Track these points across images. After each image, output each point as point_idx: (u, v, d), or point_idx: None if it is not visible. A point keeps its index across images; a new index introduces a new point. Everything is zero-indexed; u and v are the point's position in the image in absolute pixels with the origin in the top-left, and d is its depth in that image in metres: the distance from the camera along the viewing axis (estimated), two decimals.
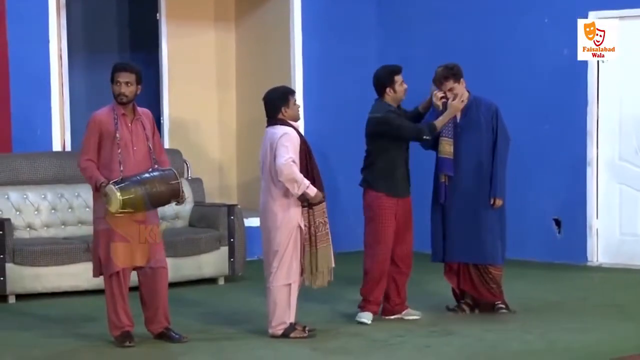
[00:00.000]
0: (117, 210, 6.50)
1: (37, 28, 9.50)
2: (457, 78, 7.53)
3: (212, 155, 11.52)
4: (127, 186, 6.51)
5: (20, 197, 8.82)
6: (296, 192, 6.68)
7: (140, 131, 6.77)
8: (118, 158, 6.62)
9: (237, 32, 11.62)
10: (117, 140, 6.62)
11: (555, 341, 6.78)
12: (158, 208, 6.85)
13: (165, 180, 6.70)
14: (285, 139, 6.72)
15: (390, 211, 7.29)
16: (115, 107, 6.74)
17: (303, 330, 6.88)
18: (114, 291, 6.65)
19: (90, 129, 6.71)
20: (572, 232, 9.99)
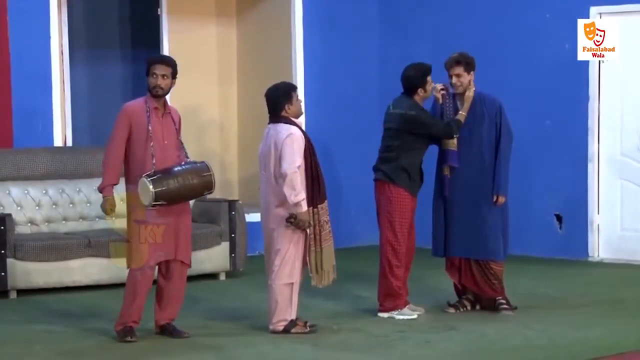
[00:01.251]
0: (150, 203, 6.50)
1: (38, 23, 9.50)
2: (469, 68, 7.56)
3: (213, 150, 11.52)
4: (160, 179, 6.52)
5: (22, 193, 8.83)
6: (292, 200, 6.66)
7: (170, 125, 6.79)
8: (151, 151, 6.62)
9: (238, 28, 11.61)
10: (149, 133, 6.63)
11: (556, 337, 6.78)
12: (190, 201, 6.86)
13: (198, 173, 6.72)
14: (291, 140, 6.70)
15: (409, 208, 7.34)
16: (148, 100, 6.74)
17: (304, 326, 6.88)
18: (136, 286, 6.64)
19: (120, 121, 6.69)
20: (573, 228, 10.00)
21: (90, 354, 6.50)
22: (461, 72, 7.52)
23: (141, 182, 6.51)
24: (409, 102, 7.37)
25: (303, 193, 6.68)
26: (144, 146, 6.63)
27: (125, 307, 6.71)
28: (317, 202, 6.81)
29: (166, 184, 6.54)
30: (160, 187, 6.51)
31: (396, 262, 7.29)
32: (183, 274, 6.85)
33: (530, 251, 10.06)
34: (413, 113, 7.30)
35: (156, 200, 6.50)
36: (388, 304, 7.35)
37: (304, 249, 6.82)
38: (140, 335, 6.77)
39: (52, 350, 6.59)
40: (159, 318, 6.85)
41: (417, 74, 7.41)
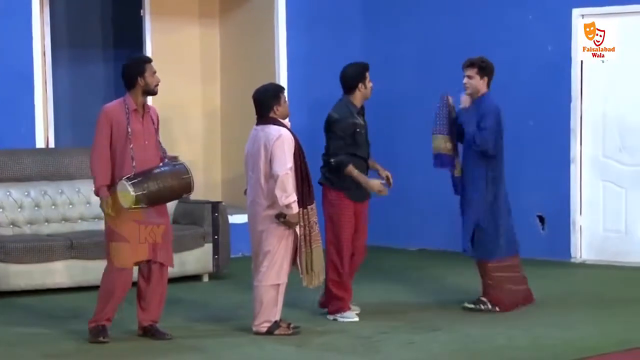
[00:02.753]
0: (130, 206, 6.48)
1: (20, 24, 9.45)
2: (482, 72, 7.63)
3: (196, 152, 11.49)
4: (140, 182, 6.50)
5: (4, 194, 8.78)
6: (283, 201, 6.65)
7: (150, 125, 6.77)
8: (130, 153, 6.59)
9: (221, 29, 11.60)
10: (129, 135, 6.60)
11: (539, 337, 6.80)
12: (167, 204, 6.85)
13: (178, 175, 6.71)
14: (281, 141, 6.69)
15: (350, 211, 7.36)
16: (128, 101, 6.68)
17: (287, 327, 6.88)
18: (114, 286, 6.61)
19: (100, 122, 6.66)
20: (556, 229, 10.02)
21: (73, 355, 6.48)
22: (473, 74, 7.60)
23: (121, 185, 6.49)
24: (340, 104, 7.37)
25: (294, 195, 6.68)
26: (124, 148, 6.61)
27: (100, 306, 6.68)
28: (307, 203, 6.81)
29: (146, 187, 6.52)
30: (141, 191, 6.49)
31: (340, 266, 7.27)
32: (164, 275, 6.83)
33: None
34: (336, 116, 7.28)
35: (136, 204, 6.48)
36: (333, 306, 7.34)
37: (293, 250, 6.81)
38: (123, 337, 6.75)
39: (35, 352, 6.56)
40: (141, 319, 6.83)
41: (357, 70, 7.40)
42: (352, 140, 7.26)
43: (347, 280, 7.36)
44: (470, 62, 7.66)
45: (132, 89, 6.71)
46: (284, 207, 6.66)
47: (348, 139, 7.24)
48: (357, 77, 7.36)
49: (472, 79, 7.63)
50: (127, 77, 6.73)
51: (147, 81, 6.71)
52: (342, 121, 7.24)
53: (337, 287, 7.26)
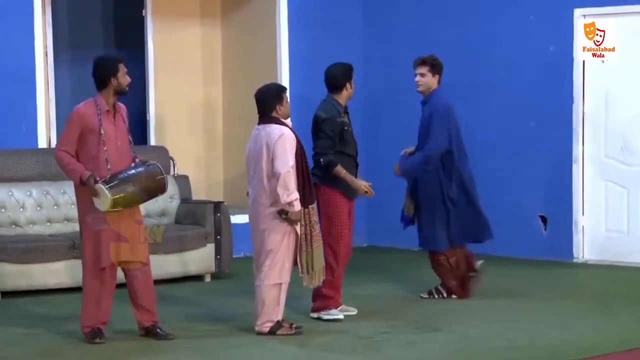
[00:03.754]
0: (107, 210, 6.48)
1: (22, 24, 9.46)
2: (434, 70, 7.89)
3: (198, 152, 11.51)
4: (116, 185, 6.50)
5: (6, 194, 8.79)
6: (284, 199, 6.66)
7: (122, 125, 6.74)
8: (105, 155, 6.58)
9: (223, 29, 11.61)
10: (102, 137, 6.58)
11: (540, 337, 6.80)
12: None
13: (152, 176, 6.71)
14: (283, 140, 6.70)
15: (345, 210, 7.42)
16: (99, 102, 6.65)
17: (290, 327, 6.88)
18: (102, 287, 6.62)
19: (72, 123, 6.61)
20: (558, 229, 10.02)
21: (74, 355, 6.48)
22: (425, 72, 7.85)
23: (98, 188, 6.46)
24: (326, 103, 7.39)
25: (296, 193, 6.68)
26: (96, 150, 6.57)
27: (90, 309, 6.66)
28: (308, 202, 6.81)
29: (123, 189, 6.52)
30: (118, 194, 6.49)
31: (334, 264, 7.27)
32: (148, 273, 6.82)
33: (515, 252, 10.07)
34: (324, 116, 7.29)
35: (113, 207, 6.49)
36: (318, 304, 7.35)
37: (295, 249, 6.82)
38: (124, 337, 6.77)
39: (35, 352, 6.56)
40: (141, 319, 6.83)
41: (345, 70, 7.45)
42: (340, 138, 7.28)
43: (339, 281, 7.36)
44: (422, 60, 7.90)
45: (104, 89, 6.66)
46: (286, 205, 6.66)
47: (336, 137, 7.25)
48: (345, 77, 7.41)
49: (425, 77, 7.89)
50: (99, 77, 6.67)
51: (119, 81, 6.67)
52: (330, 120, 7.25)
53: (328, 287, 7.25)
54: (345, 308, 7.48)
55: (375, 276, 8.96)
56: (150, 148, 10.24)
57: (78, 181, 6.57)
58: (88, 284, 6.69)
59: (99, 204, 6.50)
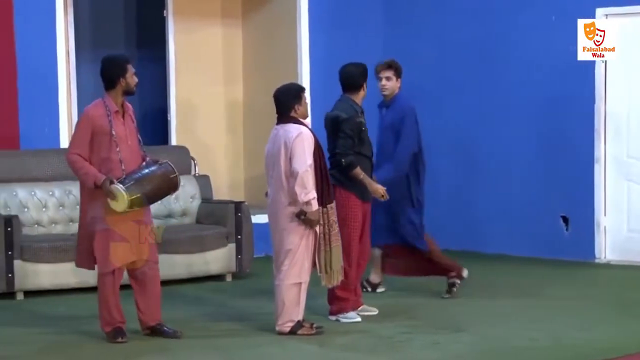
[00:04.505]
0: (124, 210, 6.50)
1: (44, 25, 9.51)
2: (397, 73, 8.01)
3: (219, 151, 11.53)
4: (132, 185, 6.51)
5: (28, 194, 8.84)
6: (302, 198, 6.66)
7: (131, 125, 6.75)
8: (118, 156, 6.59)
9: (243, 29, 11.62)
10: (114, 138, 6.59)
11: (562, 338, 6.77)
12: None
13: (166, 175, 6.72)
14: (301, 139, 6.70)
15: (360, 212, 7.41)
16: (108, 102, 6.64)
17: (310, 327, 6.88)
18: (108, 289, 6.65)
19: (83, 125, 6.62)
20: (580, 229, 9.98)
21: (96, 355, 6.51)
22: (391, 75, 7.93)
23: (115, 189, 6.47)
24: (344, 103, 7.37)
25: (314, 192, 6.68)
26: (109, 151, 6.57)
27: (106, 309, 6.69)
28: (327, 201, 6.81)
29: (139, 189, 6.53)
30: (135, 195, 6.50)
31: (347, 266, 7.24)
32: (156, 272, 6.83)
33: (537, 253, 10.05)
34: (344, 116, 7.28)
35: (130, 207, 6.50)
36: (335, 307, 7.34)
37: (314, 248, 6.82)
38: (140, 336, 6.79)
39: (57, 351, 6.60)
40: (146, 320, 6.83)
41: (363, 70, 7.44)
42: (359, 139, 7.27)
43: (353, 282, 7.36)
44: (387, 65, 8.01)
45: (112, 90, 6.66)
46: (303, 204, 6.66)
47: (356, 138, 7.25)
48: (362, 77, 7.40)
49: (390, 81, 7.98)
50: (107, 77, 6.67)
51: (128, 81, 6.67)
52: (350, 120, 7.25)
53: (341, 289, 7.24)
54: (366, 308, 7.48)
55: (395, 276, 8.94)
56: (171, 148, 10.27)
57: (92, 185, 6.55)
58: (99, 285, 6.72)
59: (115, 205, 6.50)
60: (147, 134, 8.51)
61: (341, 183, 7.27)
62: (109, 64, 6.70)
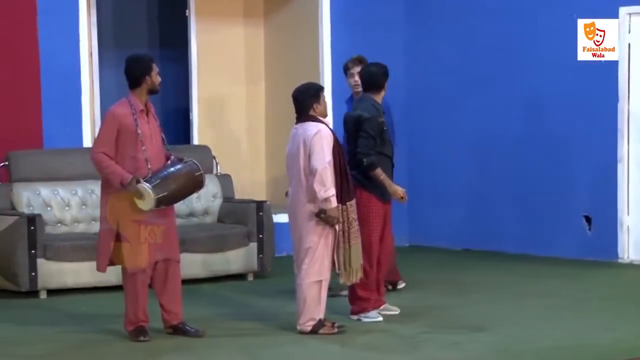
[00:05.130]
0: (151, 209, 6.52)
1: (67, 24, 9.56)
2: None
3: (241, 151, 11.54)
4: (159, 184, 6.53)
5: (51, 193, 8.89)
6: (321, 195, 6.66)
7: (154, 123, 6.77)
8: (144, 155, 6.61)
9: (265, 28, 11.64)
10: (140, 137, 6.61)
11: (584, 338, 6.75)
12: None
13: (192, 173, 6.74)
14: (319, 136, 6.71)
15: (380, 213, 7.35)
16: (133, 102, 6.67)
17: (332, 326, 6.88)
18: (137, 288, 6.67)
19: (109, 124, 6.62)
20: (602, 229, 9.93)
21: (118, 354, 6.54)
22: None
23: (141, 188, 6.49)
24: (366, 103, 7.35)
25: (333, 189, 6.69)
26: (134, 150, 6.58)
27: (131, 308, 6.72)
28: (346, 199, 6.81)
29: (166, 188, 6.55)
30: (162, 193, 6.52)
31: (367, 267, 7.22)
32: (178, 271, 6.85)
33: (560, 253, 10.01)
34: (366, 115, 7.25)
35: (157, 206, 6.51)
36: (356, 307, 7.33)
37: (333, 246, 6.82)
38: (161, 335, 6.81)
39: (80, 350, 6.63)
40: (167, 318, 6.86)
41: (385, 71, 7.42)
42: (380, 139, 7.26)
43: (374, 282, 7.35)
44: (358, 60, 7.99)
45: (137, 88, 6.68)
46: (322, 201, 6.67)
47: (377, 138, 7.24)
48: (385, 76, 7.40)
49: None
50: (133, 76, 6.69)
51: (153, 80, 6.69)
52: (372, 120, 7.23)
53: (362, 288, 7.24)
54: (388, 307, 7.48)
55: (416, 276, 8.93)
56: (193, 147, 10.29)
57: (118, 184, 6.56)
58: (126, 284, 6.74)
59: (142, 204, 6.52)
60: (169, 134, 8.52)
61: (361, 184, 7.26)
62: (134, 63, 6.73)
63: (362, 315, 7.29)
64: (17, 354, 6.53)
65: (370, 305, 7.32)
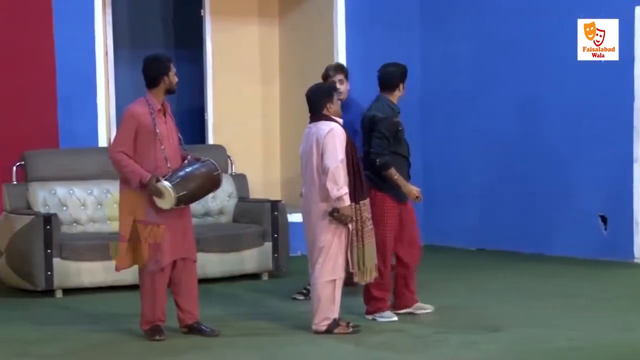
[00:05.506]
0: (171, 207, 6.53)
1: (83, 24, 9.59)
2: (347, 76, 8.00)
3: (255, 150, 11.56)
4: (179, 183, 6.54)
5: (67, 193, 8.91)
6: (334, 194, 6.66)
7: (171, 122, 6.79)
8: (163, 154, 6.62)
9: (280, 28, 11.65)
10: (158, 136, 6.62)
11: (601, 338, 6.72)
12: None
13: (210, 173, 6.76)
14: (332, 135, 6.71)
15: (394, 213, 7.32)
16: (151, 101, 6.68)
17: (347, 326, 6.88)
18: (156, 287, 6.69)
19: (127, 123, 6.63)
20: (618, 229, 9.90)
21: (135, 353, 6.55)
22: (343, 78, 7.94)
23: (162, 187, 6.49)
24: (381, 103, 7.34)
25: (346, 187, 6.69)
26: (153, 149, 6.59)
27: (147, 306, 6.73)
28: (359, 198, 6.81)
29: (185, 187, 6.56)
30: (182, 192, 6.53)
31: (382, 267, 7.21)
32: (194, 270, 6.87)
33: (575, 252, 9.98)
34: (381, 115, 7.24)
35: (177, 205, 6.52)
36: (371, 307, 7.32)
37: (347, 245, 6.82)
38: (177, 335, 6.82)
39: (96, 349, 6.65)
40: (183, 318, 6.87)
41: (403, 71, 7.42)
42: (395, 139, 7.25)
43: (389, 282, 7.33)
44: (340, 67, 8.04)
45: (155, 88, 6.69)
46: (335, 200, 6.66)
47: (392, 138, 7.23)
48: (402, 77, 7.39)
49: (344, 84, 7.94)
50: (151, 75, 6.70)
51: (170, 80, 6.71)
52: (386, 120, 7.22)
53: (377, 288, 7.23)
54: (421, 305, 7.46)
55: (431, 276, 8.92)
56: (208, 147, 10.31)
57: (137, 183, 6.57)
58: (145, 283, 6.75)
59: (162, 203, 6.53)
60: (185, 133, 8.52)
61: (375, 184, 7.25)
62: (152, 63, 6.74)
63: (377, 315, 7.29)
64: (34, 353, 6.55)
65: (385, 305, 7.32)
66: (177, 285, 6.80)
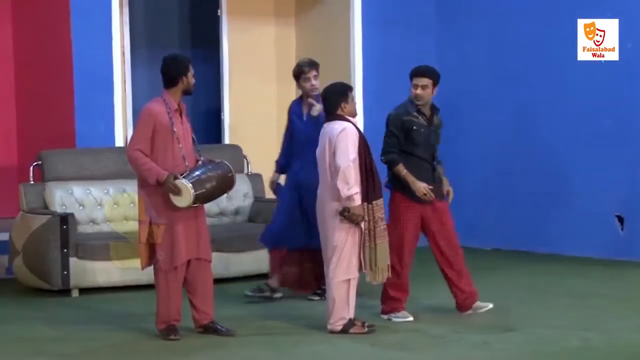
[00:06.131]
0: (189, 205, 6.55)
1: (100, 25, 9.63)
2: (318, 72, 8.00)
3: (271, 150, 11.52)
4: (197, 182, 6.57)
5: (84, 192, 8.95)
6: (344, 193, 6.66)
7: (187, 123, 6.81)
8: (181, 153, 6.65)
9: (297, 28, 11.66)
10: (175, 135, 6.65)
11: (616, 339, 6.70)
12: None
13: (225, 173, 6.78)
14: (344, 134, 6.72)
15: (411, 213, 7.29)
16: (168, 101, 6.70)
17: (362, 326, 6.89)
18: (171, 286, 6.71)
19: (145, 121, 6.64)
20: (635, 229, 9.86)
21: (149, 352, 6.58)
22: (317, 74, 7.97)
23: (180, 184, 6.52)
24: (402, 103, 7.37)
25: (356, 187, 6.69)
26: (171, 148, 6.62)
27: (162, 306, 6.75)
28: (372, 198, 6.80)
29: (203, 186, 6.59)
30: (200, 190, 6.56)
31: (399, 267, 7.20)
32: (209, 270, 6.88)
33: (591, 252, 9.96)
34: (391, 114, 7.28)
35: (194, 203, 6.54)
36: (387, 306, 7.32)
37: (359, 245, 6.82)
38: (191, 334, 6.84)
39: (112, 348, 6.68)
40: (198, 318, 6.89)
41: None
42: (408, 138, 7.23)
43: (407, 282, 7.32)
44: (314, 63, 8.00)
45: (172, 88, 6.71)
46: (345, 199, 6.67)
47: (402, 136, 7.21)
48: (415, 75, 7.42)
49: (317, 79, 7.98)
50: (169, 75, 6.71)
51: (189, 81, 6.73)
52: (395, 118, 7.24)
53: (394, 288, 7.23)
54: (480, 305, 7.45)
55: None
56: (224, 147, 10.34)
57: (154, 181, 6.59)
58: (160, 282, 6.77)
59: (179, 201, 6.56)
60: (201, 133, 8.58)
61: (392, 184, 7.26)
62: (172, 63, 6.76)
63: (393, 315, 7.29)
64: (51, 352, 6.59)
65: (401, 306, 7.32)
66: (192, 285, 6.82)
